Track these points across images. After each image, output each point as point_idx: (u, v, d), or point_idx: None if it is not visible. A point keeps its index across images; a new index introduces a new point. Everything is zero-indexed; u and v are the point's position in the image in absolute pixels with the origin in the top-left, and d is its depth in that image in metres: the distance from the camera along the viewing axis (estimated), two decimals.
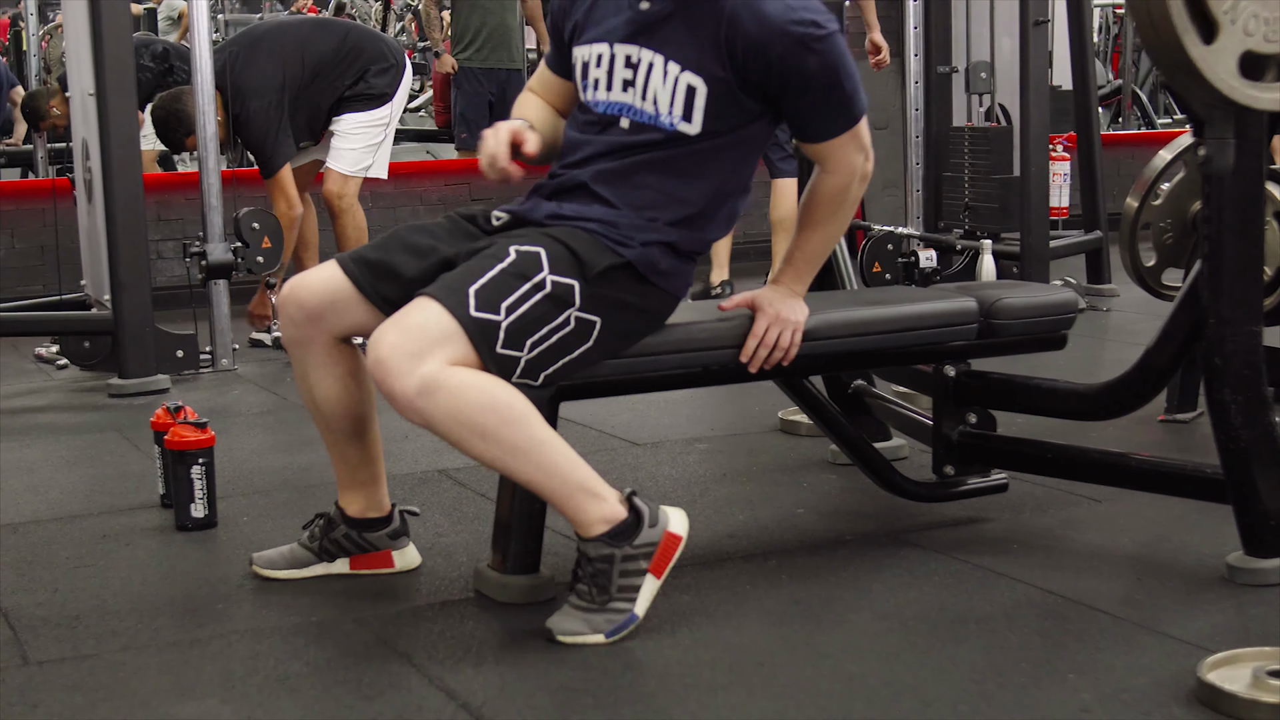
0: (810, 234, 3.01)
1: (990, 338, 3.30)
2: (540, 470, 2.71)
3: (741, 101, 2.85)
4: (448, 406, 2.62)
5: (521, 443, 2.68)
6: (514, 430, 2.67)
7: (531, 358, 2.74)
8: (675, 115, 2.86)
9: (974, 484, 3.51)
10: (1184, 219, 4.28)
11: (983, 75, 6.64)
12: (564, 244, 2.79)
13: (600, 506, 2.74)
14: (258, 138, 5.89)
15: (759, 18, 2.79)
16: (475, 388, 2.64)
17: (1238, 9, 2.76)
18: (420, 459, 4.14)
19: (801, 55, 2.79)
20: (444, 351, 2.64)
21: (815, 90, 2.84)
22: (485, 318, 2.68)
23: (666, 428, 4.49)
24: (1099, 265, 6.84)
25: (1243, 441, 2.93)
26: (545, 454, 2.71)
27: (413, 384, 2.61)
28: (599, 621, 2.74)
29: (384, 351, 2.63)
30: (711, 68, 2.83)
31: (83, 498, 3.93)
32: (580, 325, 2.78)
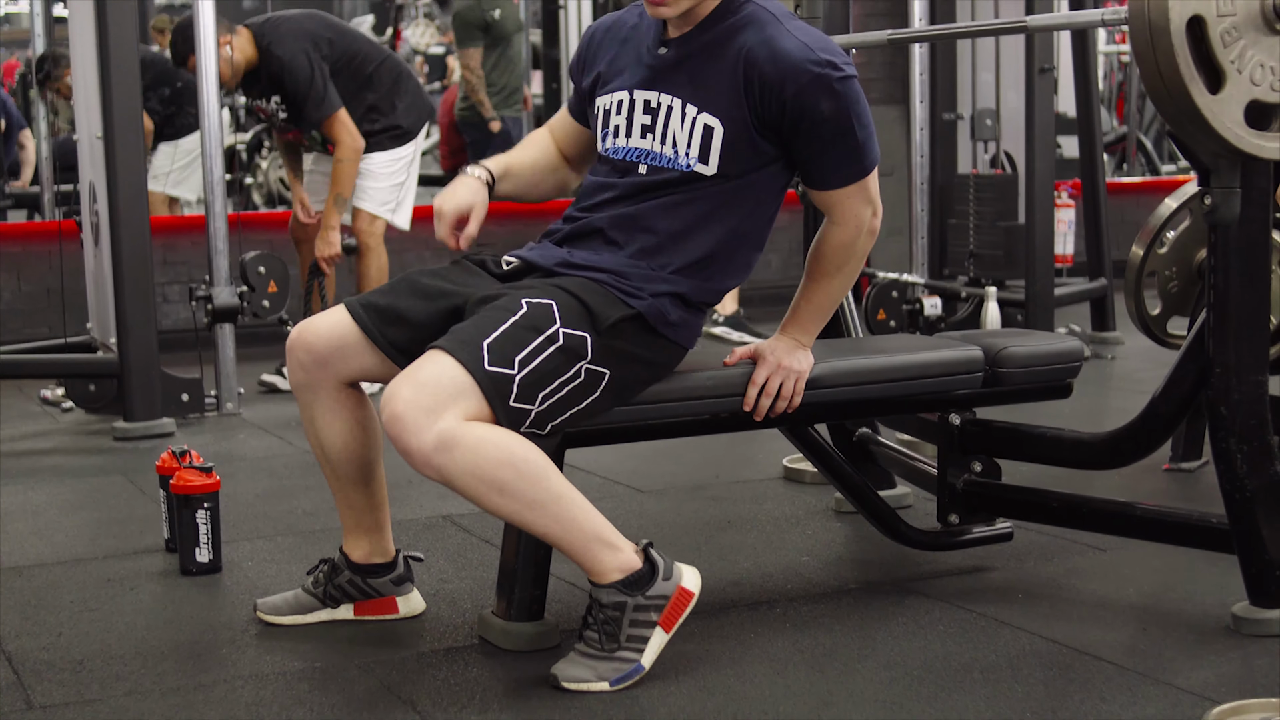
0: (816, 286, 3.01)
1: (995, 386, 3.30)
2: (557, 523, 2.71)
3: (757, 143, 2.87)
4: (465, 462, 2.63)
5: (539, 497, 2.68)
6: (531, 484, 2.67)
7: (542, 410, 2.74)
8: (692, 156, 2.87)
9: (979, 533, 3.51)
10: (1189, 267, 4.29)
11: (988, 122, 6.66)
12: (575, 296, 2.80)
13: (616, 556, 2.75)
14: (304, 81, 5.82)
15: (776, 55, 2.81)
16: (492, 443, 2.64)
17: (1244, 58, 2.77)
18: (425, 504, 4.13)
19: (816, 95, 2.80)
20: (459, 406, 2.65)
21: (827, 133, 2.84)
22: (499, 372, 2.68)
23: (671, 475, 4.49)
24: (1104, 313, 6.83)
25: (1248, 491, 2.93)
26: (562, 507, 2.71)
27: (429, 440, 2.62)
28: (605, 669, 2.74)
29: (399, 407, 2.63)
30: (728, 108, 2.85)
31: (87, 541, 3.93)
32: (590, 377, 2.78)
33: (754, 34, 2.86)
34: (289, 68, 5.83)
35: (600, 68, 3.08)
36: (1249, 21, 2.77)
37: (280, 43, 5.85)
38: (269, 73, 5.87)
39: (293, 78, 5.83)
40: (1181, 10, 2.71)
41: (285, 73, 5.84)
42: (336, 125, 5.87)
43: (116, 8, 5.25)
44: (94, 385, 5.57)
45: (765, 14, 2.89)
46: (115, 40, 5.25)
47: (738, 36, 2.87)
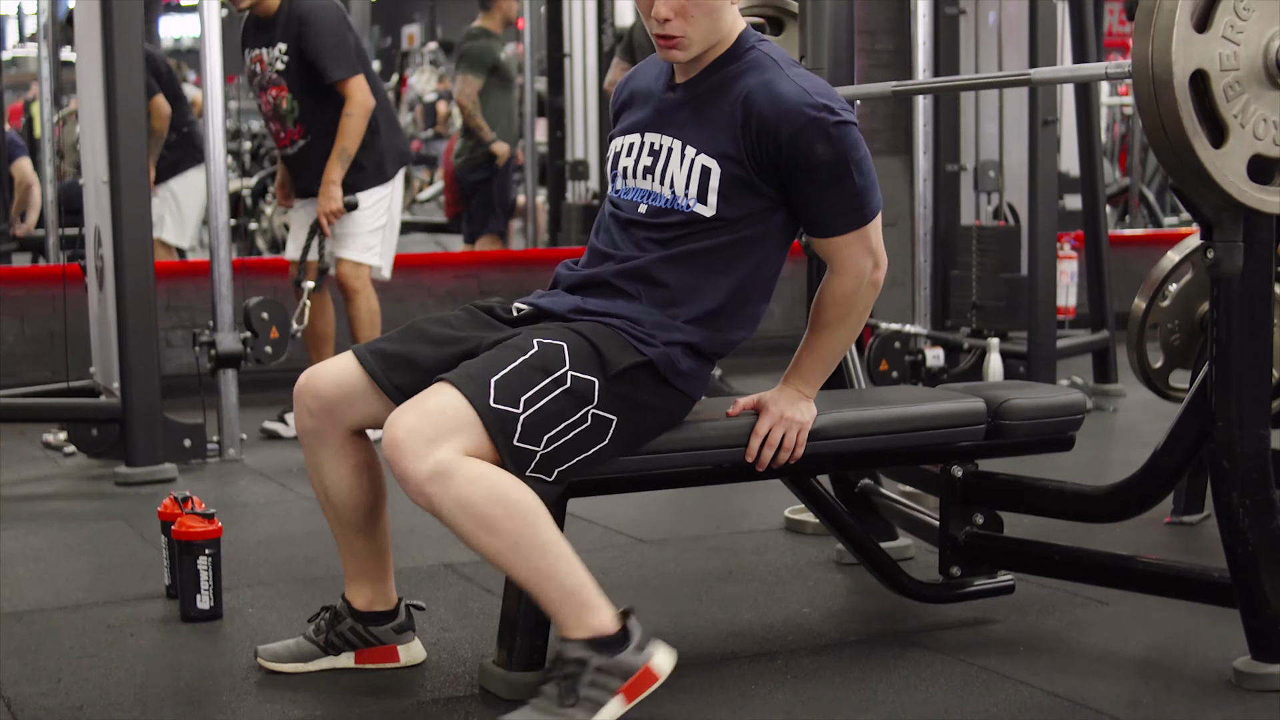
0: (818, 337, 3.02)
1: (998, 439, 3.30)
2: (539, 572, 2.70)
3: (755, 185, 2.88)
4: (457, 494, 2.63)
5: (525, 540, 2.67)
6: (519, 526, 2.66)
7: (547, 453, 2.74)
8: (691, 196, 2.89)
9: (980, 585, 3.50)
10: (1192, 320, 4.30)
11: (991, 174, 6.68)
12: (587, 339, 2.81)
13: (591, 615, 2.71)
14: (330, 34, 5.76)
15: (774, 97, 2.84)
16: (487, 480, 2.64)
17: (1247, 113, 2.78)
18: (426, 553, 4.13)
19: (812, 138, 2.81)
20: (460, 439, 2.65)
21: (823, 178, 2.85)
22: (504, 409, 2.68)
23: (673, 525, 4.49)
24: (1106, 365, 6.83)
25: (1250, 545, 2.93)
26: (547, 556, 2.69)
27: (425, 468, 2.62)
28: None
29: (400, 434, 2.63)
30: (726, 148, 2.87)
31: (88, 586, 3.92)
32: (597, 423, 2.78)
33: (755, 77, 2.89)
34: (319, 15, 5.77)
35: (616, 108, 3.16)
36: (1252, 76, 2.78)
37: (306, 11, 5.79)
38: (290, 15, 5.78)
39: (319, 27, 5.75)
40: (1185, 64, 2.73)
41: (313, 18, 5.76)
42: (352, 85, 5.77)
43: (123, 53, 5.27)
44: (96, 430, 5.57)
45: (768, 60, 2.92)
46: (122, 85, 5.27)
47: (740, 80, 2.90)
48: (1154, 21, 2.74)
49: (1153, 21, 2.74)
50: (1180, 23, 2.72)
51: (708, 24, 2.89)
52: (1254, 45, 2.78)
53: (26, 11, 15.23)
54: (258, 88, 5.99)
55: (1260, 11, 2.78)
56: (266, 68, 5.88)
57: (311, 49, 5.76)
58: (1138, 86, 2.78)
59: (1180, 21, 2.72)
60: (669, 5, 2.85)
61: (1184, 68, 2.73)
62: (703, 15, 2.87)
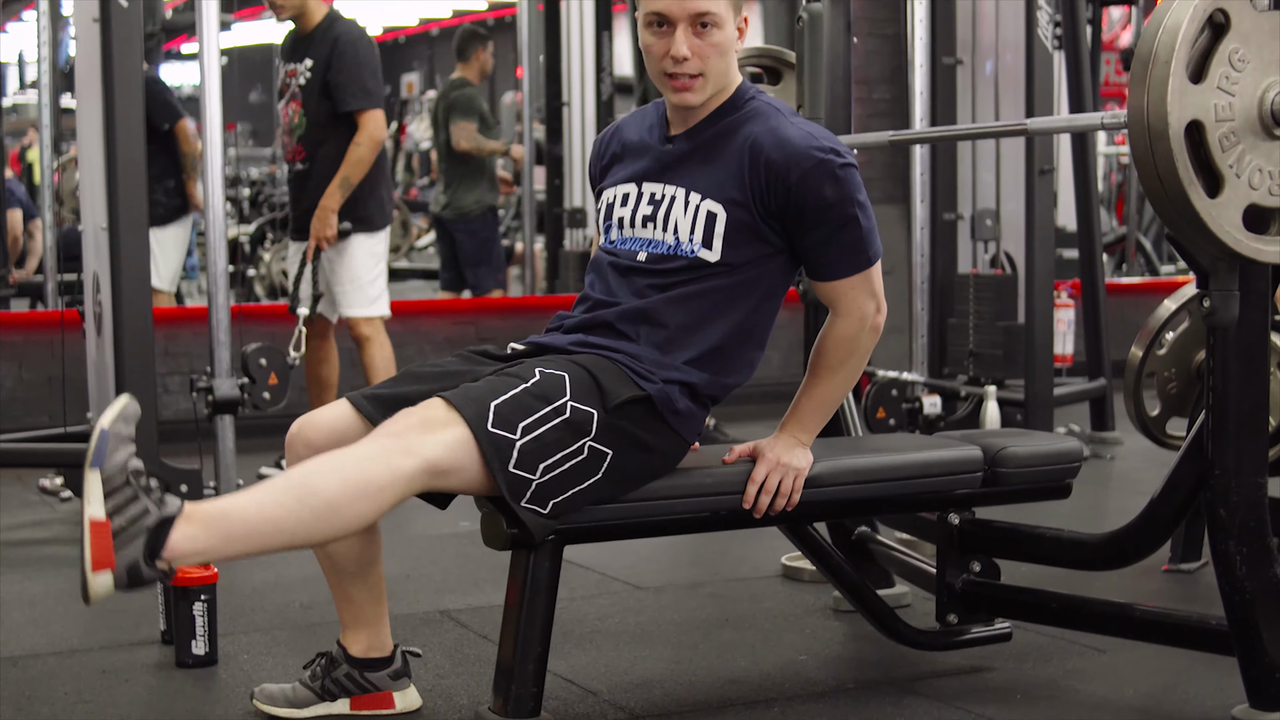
0: (817, 382, 3.03)
1: (994, 486, 3.30)
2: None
3: (760, 231, 2.91)
4: (376, 449, 2.69)
5: (320, 522, 2.69)
6: (336, 516, 2.68)
7: (543, 482, 2.75)
8: (696, 242, 2.91)
9: (977, 633, 3.50)
10: (1188, 368, 4.30)
11: (988, 223, 6.69)
12: (588, 371, 2.83)
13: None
14: (359, 64, 5.73)
15: (780, 142, 2.88)
16: (385, 467, 2.68)
17: (1242, 163, 2.80)
18: (422, 599, 4.12)
19: (820, 180, 2.85)
20: (445, 450, 2.68)
21: (831, 221, 2.89)
22: (501, 435, 2.70)
23: (670, 572, 4.48)
24: (1103, 413, 6.84)
25: (1248, 593, 2.92)
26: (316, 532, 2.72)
27: (407, 423, 2.71)
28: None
29: (398, 420, 2.72)
30: (731, 194, 2.90)
31: (83, 632, 3.91)
32: (592, 456, 2.79)
33: (759, 124, 2.94)
34: (353, 41, 5.77)
35: (605, 162, 3.17)
36: (1247, 126, 2.80)
37: (354, 27, 5.83)
38: (326, 34, 5.79)
39: (349, 53, 5.75)
40: (1180, 115, 2.74)
41: (346, 42, 5.76)
42: (368, 117, 5.76)
43: (123, 100, 5.29)
44: None
45: (769, 108, 2.98)
46: (121, 132, 5.29)
47: (743, 128, 2.95)
48: (1149, 73, 2.75)
49: (1148, 72, 2.75)
50: (1175, 74, 2.73)
51: (721, 65, 2.95)
52: (1249, 96, 2.80)
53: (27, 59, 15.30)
54: (284, 101, 5.99)
55: (1255, 63, 2.80)
56: (295, 77, 5.89)
57: (337, 72, 5.76)
58: (1134, 137, 2.80)
59: (1175, 73, 2.73)
60: (688, 45, 2.89)
61: (1179, 118, 2.74)
62: (717, 56, 2.93)
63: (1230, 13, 2.78)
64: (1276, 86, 2.80)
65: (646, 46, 2.95)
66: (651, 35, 2.94)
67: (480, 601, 4.07)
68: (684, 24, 2.90)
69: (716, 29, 2.91)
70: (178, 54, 17.60)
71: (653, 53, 2.95)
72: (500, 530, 2.84)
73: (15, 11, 15.67)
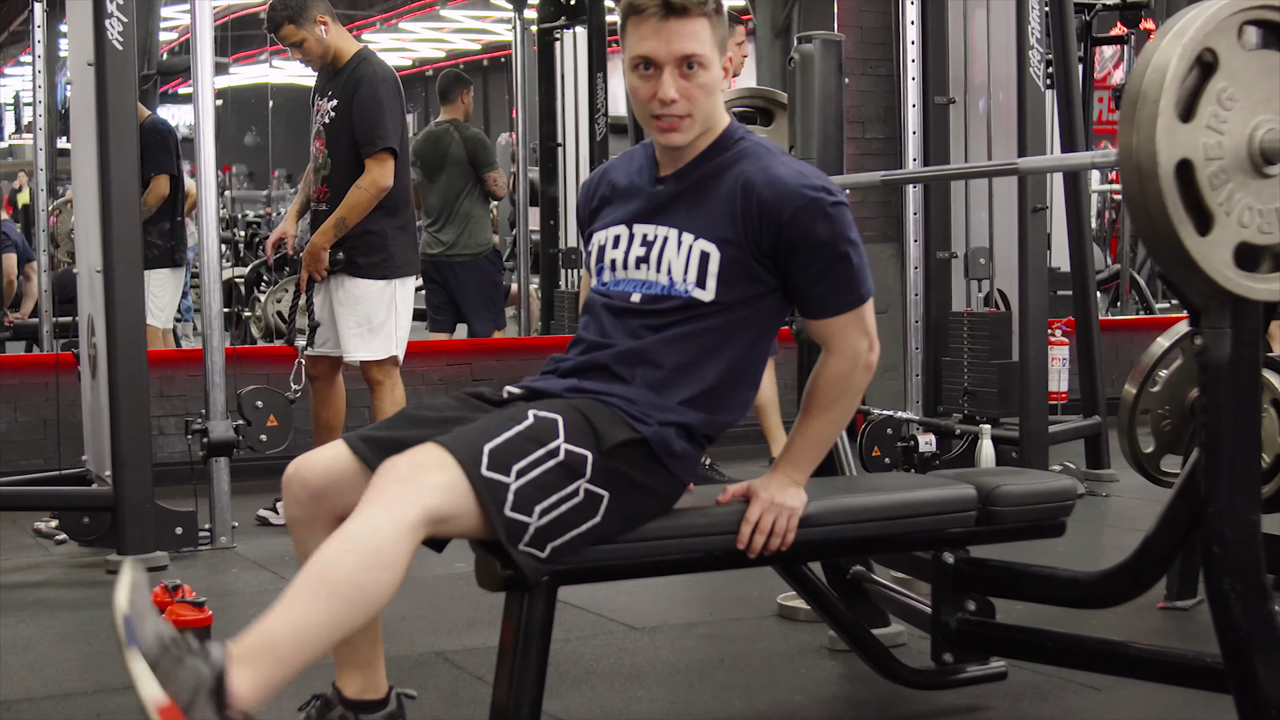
0: (811, 421, 3.03)
1: (989, 525, 3.29)
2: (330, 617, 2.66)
3: (753, 270, 2.92)
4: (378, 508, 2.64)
5: (345, 599, 2.64)
6: (354, 592, 2.63)
7: (541, 525, 2.74)
8: (689, 282, 2.92)
9: (973, 672, 3.49)
10: (1182, 406, 4.31)
11: (981, 261, 6.70)
12: (582, 414, 2.83)
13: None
14: (377, 106, 5.71)
15: (772, 180, 2.90)
16: (387, 533, 2.63)
17: (1232, 201, 2.80)
18: (417, 641, 4.11)
19: (812, 218, 2.87)
20: (439, 495, 2.66)
21: (822, 259, 2.90)
22: (495, 478, 2.69)
23: (665, 612, 4.47)
24: (1098, 450, 6.84)
25: (1242, 630, 2.92)
26: (341, 620, 2.66)
27: (400, 471, 2.67)
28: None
29: (384, 465, 2.69)
30: (724, 233, 2.92)
31: (78, 675, 3.91)
32: (589, 498, 2.79)
33: (750, 164, 2.96)
34: (377, 83, 5.75)
35: (594, 204, 3.17)
36: (1237, 165, 2.81)
37: (381, 68, 5.83)
38: (354, 74, 5.78)
39: (369, 96, 5.73)
40: (1170, 154, 2.75)
41: (370, 84, 5.75)
42: (376, 160, 5.71)
43: (118, 142, 5.31)
44: (88, 518, 5.56)
45: (760, 148, 3.00)
46: (116, 175, 5.30)
47: (734, 167, 2.97)
48: (1139, 112, 2.76)
49: (1137, 111, 2.76)
50: (1165, 113, 2.74)
51: (708, 105, 2.96)
52: (1238, 134, 2.81)
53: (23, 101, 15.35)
54: (314, 138, 5.96)
55: (1244, 101, 2.81)
56: (321, 114, 5.87)
57: (357, 116, 5.74)
58: (1124, 176, 2.81)
59: (1165, 111, 2.74)
60: (675, 87, 2.90)
61: (1169, 157, 2.75)
62: (704, 97, 2.94)
63: (1219, 52, 2.79)
64: (1266, 125, 2.81)
65: (633, 89, 2.97)
66: (638, 78, 2.96)
67: (475, 643, 4.06)
68: (670, 66, 2.92)
69: (703, 70, 2.93)
70: (174, 96, 17.66)
71: (640, 95, 2.96)
72: (494, 572, 2.83)
73: (12, 55, 15.72)
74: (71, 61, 5.93)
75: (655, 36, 2.91)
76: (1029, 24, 6.23)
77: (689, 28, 2.90)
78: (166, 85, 14.23)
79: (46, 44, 7.94)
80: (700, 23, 2.91)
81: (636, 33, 2.93)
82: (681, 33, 2.90)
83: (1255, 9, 2.82)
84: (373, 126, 5.72)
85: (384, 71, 5.84)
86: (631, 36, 2.95)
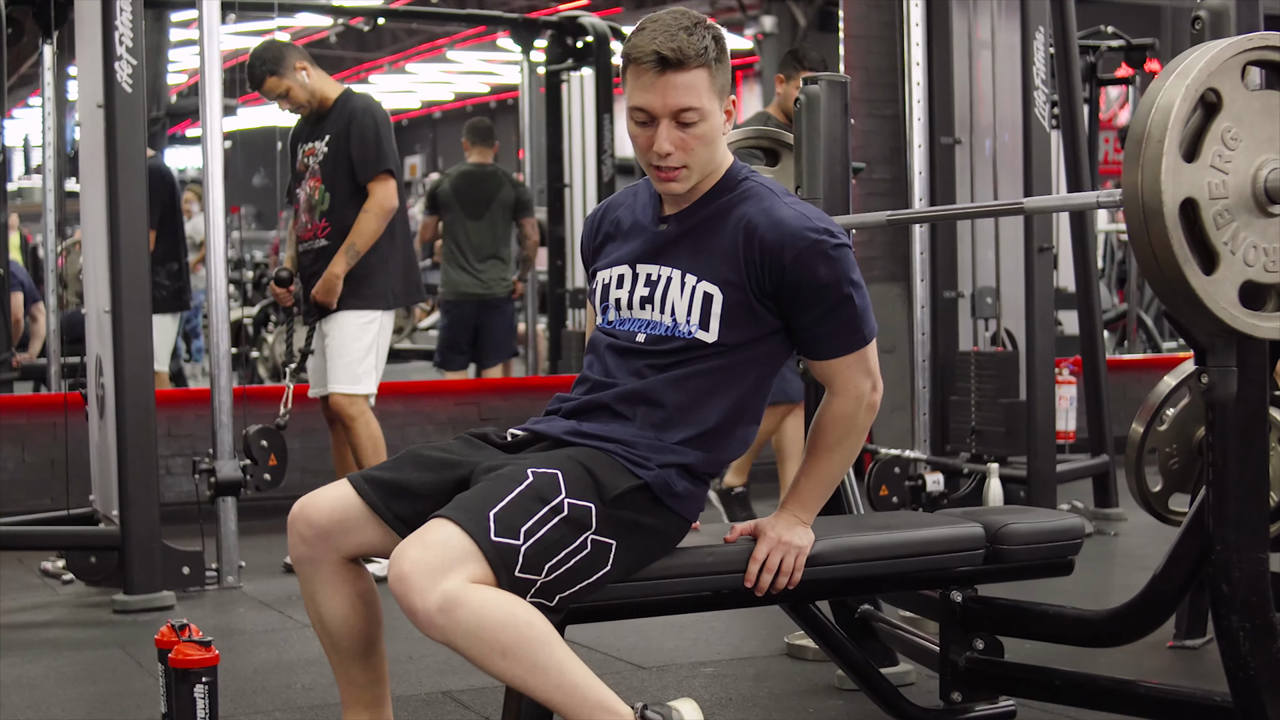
0: (816, 461, 3.04)
1: (997, 563, 3.29)
2: (559, 689, 2.69)
3: (756, 311, 2.92)
4: (468, 623, 2.62)
5: (541, 660, 2.66)
6: (533, 648, 2.66)
7: (548, 581, 2.74)
8: (693, 324, 2.92)
9: (981, 711, 3.48)
10: (1189, 444, 4.30)
11: (988, 300, 6.71)
12: (582, 465, 2.82)
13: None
14: (373, 132, 5.78)
15: (775, 223, 2.90)
16: (495, 605, 2.64)
17: (1237, 240, 2.81)
18: (425, 681, 4.11)
19: (814, 261, 2.87)
20: (465, 570, 2.64)
21: (825, 300, 2.91)
22: (505, 543, 2.68)
23: (672, 651, 4.47)
24: (1106, 489, 6.84)
25: (1252, 669, 2.91)
26: (565, 673, 2.69)
27: (434, 600, 2.61)
28: None
29: (405, 567, 2.62)
30: (727, 275, 2.92)
31: (84, 715, 3.90)
32: (596, 549, 2.79)
33: (753, 205, 2.96)
34: (367, 113, 5.81)
35: (598, 241, 3.18)
36: (1241, 204, 2.82)
37: (369, 101, 5.90)
38: (342, 110, 5.84)
39: (364, 125, 5.78)
40: (1174, 193, 2.76)
41: (361, 115, 5.81)
42: (379, 183, 5.76)
43: (127, 184, 5.33)
44: (95, 557, 5.56)
45: (763, 189, 2.99)
46: (125, 216, 5.33)
47: (737, 209, 2.97)
48: (1143, 151, 2.77)
49: (1142, 151, 2.78)
50: (1169, 153, 2.75)
51: (706, 154, 2.96)
52: (1242, 174, 2.82)
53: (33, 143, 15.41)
54: (301, 178, 5.97)
55: (1247, 141, 2.82)
56: (312, 156, 5.90)
57: (354, 144, 5.78)
58: (1129, 215, 2.82)
59: (1169, 151, 2.75)
60: (670, 140, 2.91)
61: (1174, 196, 2.76)
62: (701, 147, 2.94)
63: (1222, 92, 2.81)
64: (1270, 164, 2.82)
65: (633, 137, 2.98)
66: (637, 127, 2.96)
67: (483, 682, 4.06)
68: (666, 119, 2.92)
69: (701, 122, 2.92)
70: (182, 138, 17.72)
71: (638, 144, 2.97)
72: None
73: (21, 97, 15.79)
74: (81, 104, 5.96)
75: (651, 89, 2.91)
76: (1034, 65, 6.24)
77: (686, 79, 2.89)
78: (175, 127, 14.29)
79: (55, 86, 7.96)
80: (698, 74, 2.90)
81: (635, 83, 2.93)
82: (678, 85, 2.89)
83: (1258, 50, 2.84)
84: (372, 152, 5.78)
85: (372, 104, 5.93)
86: (630, 85, 2.95)
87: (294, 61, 5.83)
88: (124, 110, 5.33)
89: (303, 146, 5.98)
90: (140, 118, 5.41)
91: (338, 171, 5.82)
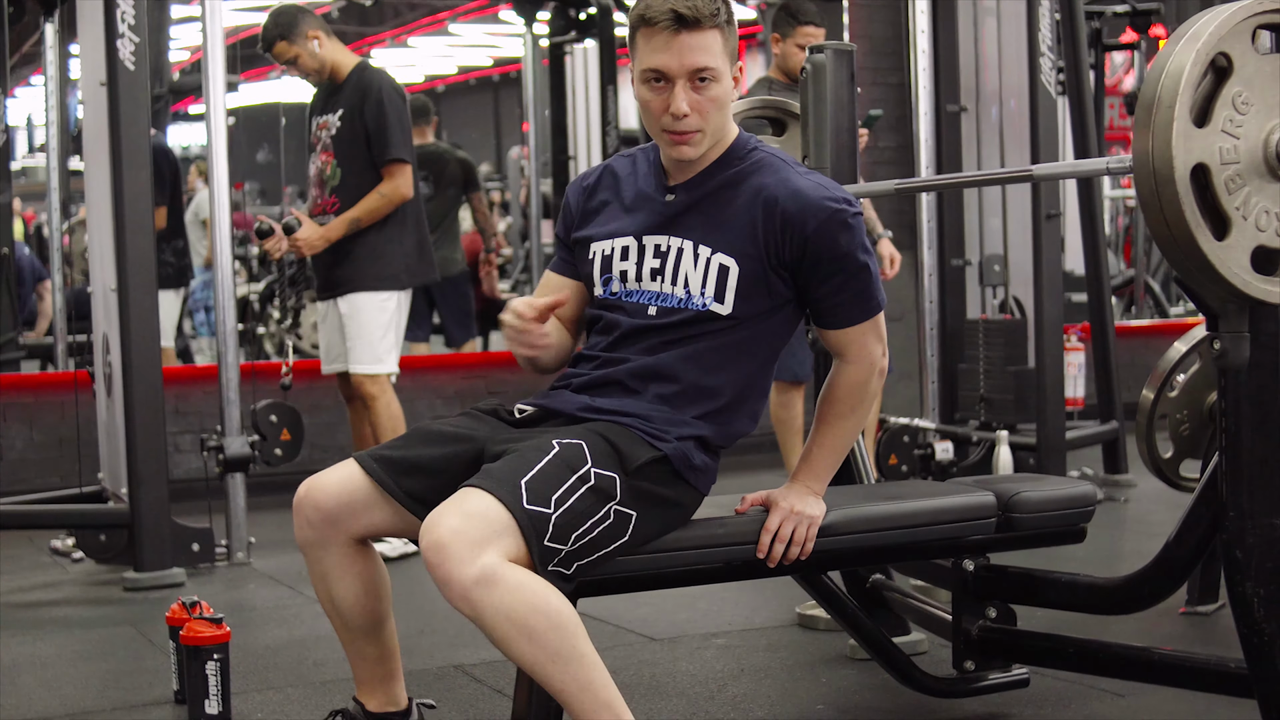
0: (828, 429, 3.03)
1: (1008, 532, 3.28)
2: (575, 681, 2.68)
3: (770, 282, 2.91)
4: (501, 602, 2.60)
5: (565, 650, 2.65)
6: (559, 638, 2.64)
7: (572, 549, 2.73)
8: (708, 295, 2.91)
9: (995, 679, 3.48)
10: (1200, 410, 4.30)
11: (996, 268, 6.70)
12: (604, 437, 2.81)
13: None
14: (389, 116, 5.69)
15: (794, 193, 2.89)
16: (530, 589, 2.62)
17: (1249, 205, 2.80)
18: (436, 654, 4.11)
19: (835, 230, 2.87)
20: (502, 544, 2.63)
21: (844, 270, 2.91)
22: (537, 510, 2.67)
23: (684, 623, 4.47)
24: (1116, 456, 6.83)
25: (1266, 634, 2.91)
26: (584, 667, 2.68)
27: (472, 573, 2.59)
28: None
29: (445, 536, 2.60)
30: (743, 247, 2.90)
31: (95, 693, 3.91)
32: (619, 519, 2.78)
33: (769, 176, 2.94)
34: (387, 93, 5.73)
35: (597, 212, 3.11)
36: (1252, 169, 2.80)
37: (385, 77, 5.81)
38: (357, 84, 5.76)
39: (386, 104, 5.70)
40: (1185, 159, 2.74)
41: (380, 94, 5.72)
42: (398, 170, 5.69)
43: (131, 162, 5.32)
44: (104, 535, 5.56)
45: (775, 160, 2.97)
46: (129, 194, 5.32)
47: (751, 179, 2.94)
48: (1154, 117, 2.76)
49: (1152, 117, 2.76)
50: (1180, 118, 2.74)
51: (719, 119, 2.94)
52: (1253, 138, 2.80)
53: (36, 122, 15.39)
54: (316, 151, 5.91)
55: (1258, 105, 2.81)
56: (326, 130, 5.83)
57: (374, 123, 5.70)
58: (1139, 182, 2.80)
59: (1180, 117, 2.73)
60: (687, 100, 2.89)
61: (1185, 162, 2.74)
62: (715, 110, 2.92)
63: (1233, 56, 2.79)
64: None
65: (644, 102, 2.94)
66: (649, 91, 2.93)
67: (494, 656, 4.06)
68: (683, 80, 2.89)
69: (715, 83, 2.91)
70: (185, 115, 17.68)
71: (651, 108, 2.94)
72: None
73: (23, 77, 15.76)
74: (84, 82, 5.94)
75: (667, 49, 2.88)
76: (1040, 31, 6.22)
77: (701, 40, 2.88)
78: (178, 104, 14.26)
79: (58, 65, 7.93)
80: (712, 35, 2.89)
81: (648, 45, 2.91)
82: (694, 45, 2.87)
83: (1269, 13, 2.82)
84: (392, 137, 5.70)
85: (388, 81, 5.81)
86: (642, 48, 2.92)
87: (307, 29, 5.75)
88: (127, 88, 5.31)
89: (316, 119, 5.92)
90: (144, 95, 5.39)
91: (349, 148, 5.75)
